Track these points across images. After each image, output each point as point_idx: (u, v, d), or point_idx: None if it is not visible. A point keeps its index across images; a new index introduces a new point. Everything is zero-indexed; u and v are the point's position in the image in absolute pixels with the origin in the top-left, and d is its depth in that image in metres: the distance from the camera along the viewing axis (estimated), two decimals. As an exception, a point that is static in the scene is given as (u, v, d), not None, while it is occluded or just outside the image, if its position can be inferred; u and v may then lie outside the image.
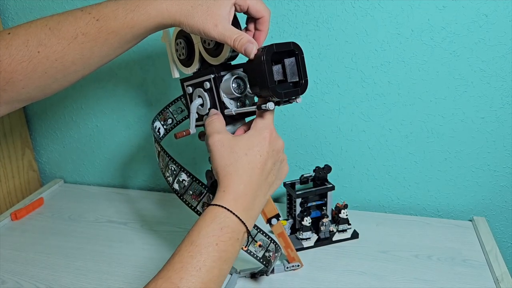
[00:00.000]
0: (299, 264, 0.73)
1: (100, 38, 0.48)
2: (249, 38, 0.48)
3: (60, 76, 0.49)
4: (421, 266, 0.73)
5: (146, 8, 0.48)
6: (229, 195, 0.48)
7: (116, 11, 0.48)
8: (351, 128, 0.89)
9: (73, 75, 0.51)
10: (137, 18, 0.48)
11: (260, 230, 0.63)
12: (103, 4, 0.49)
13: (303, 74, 0.51)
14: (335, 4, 0.80)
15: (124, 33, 0.48)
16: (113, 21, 0.48)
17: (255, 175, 0.50)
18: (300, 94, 0.51)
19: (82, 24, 0.47)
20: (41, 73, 0.48)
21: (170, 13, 0.48)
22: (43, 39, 0.47)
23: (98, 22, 0.47)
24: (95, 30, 0.47)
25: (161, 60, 0.95)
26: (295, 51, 0.50)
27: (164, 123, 0.68)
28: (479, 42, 0.77)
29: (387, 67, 0.82)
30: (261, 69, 0.47)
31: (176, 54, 0.62)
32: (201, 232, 0.45)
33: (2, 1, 0.99)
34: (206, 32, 0.48)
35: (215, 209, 0.47)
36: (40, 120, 1.10)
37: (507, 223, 0.90)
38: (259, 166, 0.50)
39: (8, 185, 1.04)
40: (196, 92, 0.59)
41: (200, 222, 0.47)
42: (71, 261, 0.79)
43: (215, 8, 0.48)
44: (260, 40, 0.54)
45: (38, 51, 0.46)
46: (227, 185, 0.49)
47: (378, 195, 0.94)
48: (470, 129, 0.83)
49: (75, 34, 0.47)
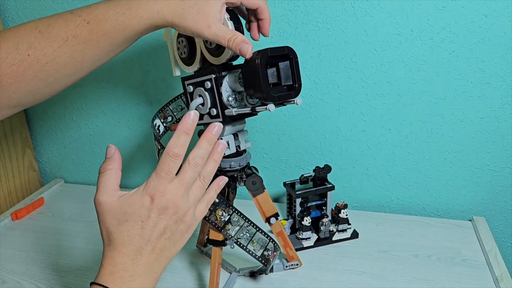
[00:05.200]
0: (298, 263, 0.73)
1: (92, 41, 0.48)
2: (244, 38, 0.48)
3: (52, 80, 0.49)
4: (420, 266, 0.73)
5: (137, 11, 0.47)
6: (106, 269, 0.42)
7: (107, 14, 0.47)
8: (351, 128, 0.89)
9: (64, 79, 0.50)
10: (129, 21, 0.47)
11: (258, 229, 0.63)
12: (93, 6, 0.48)
13: (297, 77, 0.52)
14: (335, 4, 0.80)
15: (116, 35, 0.48)
16: (104, 24, 0.47)
17: (138, 245, 0.42)
18: (293, 98, 0.51)
19: (72, 27, 0.47)
20: (31, 76, 0.47)
21: (161, 15, 0.48)
22: (33, 42, 0.46)
23: (89, 25, 0.47)
24: (86, 32, 0.47)
25: (161, 60, 0.95)
26: (290, 55, 0.51)
27: (164, 121, 0.68)
28: (479, 42, 0.77)
29: (387, 67, 0.82)
30: (256, 72, 0.48)
31: (178, 52, 0.62)
32: None
33: (2, 1, 0.99)
34: (199, 33, 0.48)
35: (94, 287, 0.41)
36: (41, 120, 1.10)
37: (506, 223, 0.90)
38: (144, 235, 0.42)
39: (8, 185, 1.04)
40: (197, 91, 0.59)
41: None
42: (71, 261, 0.79)
43: (207, 9, 0.48)
44: (265, 28, 0.54)
45: (28, 54, 0.46)
46: (105, 257, 0.42)
47: (378, 195, 0.94)
48: (469, 129, 0.84)
49: (65, 37, 0.47)
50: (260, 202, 0.64)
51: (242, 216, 0.61)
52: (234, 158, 0.62)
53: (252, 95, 0.52)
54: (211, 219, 0.60)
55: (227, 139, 0.61)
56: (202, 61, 0.60)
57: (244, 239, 0.62)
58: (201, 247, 0.79)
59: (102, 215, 0.43)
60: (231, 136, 0.61)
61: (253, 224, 0.62)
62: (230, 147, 0.61)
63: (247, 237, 0.62)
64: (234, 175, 0.64)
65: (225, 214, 0.59)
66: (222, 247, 0.64)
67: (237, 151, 0.62)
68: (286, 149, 0.95)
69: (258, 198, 0.64)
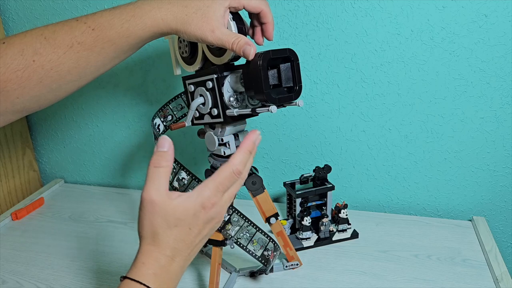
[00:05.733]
0: (298, 263, 0.73)
1: (96, 47, 0.48)
2: (247, 40, 0.49)
3: (56, 86, 0.49)
4: (420, 265, 0.73)
5: (142, 18, 0.48)
6: (149, 269, 0.42)
7: (112, 21, 0.48)
8: (351, 128, 0.89)
9: (68, 85, 0.50)
10: (133, 28, 0.48)
11: (258, 229, 0.63)
12: (98, 13, 0.49)
13: (297, 80, 0.52)
14: (335, 4, 0.80)
15: (120, 42, 0.49)
16: (109, 31, 0.48)
17: (180, 249, 0.43)
18: (293, 100, 0.52)
19: (77, 33, 0.47)
20: (36, 82, 0.47)
21: (166, 22, 0.48)
22: (38, 48, 0.46)
23: (94, 32, 0.47)
24: (91, 39, 0.48)
25: (161, 60, 0.95)
26: (291, 57, 0.51)
27: (164, 120, 0.68)
28: (479, 42, 0.77)
29: (387, 67, 0.82)
30: (257, 74, 0.49)
31: (179, 51, 0.62)
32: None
33: (2, 1, 0.99)
34: (203, 39, 0.49)
35: (131, 284, 0.41)
36: (41, 120, 1.10)
37: (506, 222, 0.90)
38: (187, 240, 0.43)
39: (8, 185, 1.04)
40: (198, 91, 0.59)
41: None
42: (71, 261, 0.79)
43: (210, 14, 0.48)
44: (269, 32, 0.55)
45: (33, 60, 0.46)
46: (147, 255, 0.42)
47: (378, 195, 0.94)
48: (469, 129, 0.84)
49: (70, 43, 0.47)
50: (260, 202, 0.64)
51: (242, 216, 0.61)
52: None
53: (253, 97, 0.52)
54: (211, 219, 0.59)
55: (227, 139, 0.61)
56: (204, 60, 0.60)
57: (244, 239, 0.62)
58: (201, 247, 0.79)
59: (153, 214, 0.42)
60: (232, 136, 0.61)
61: (253, 224, 0.62)
62: (231, 147, 0.61)
63: (247, 237, 0.62)
64: (234, 175, 0.63)
65: (225, 214, 0.59)
66: (222, 247, 0.64)
67: (237, 151, 0.62)
68: (286, 149, 0.95)
69: (258, 198, 0.64)
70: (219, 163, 0.62)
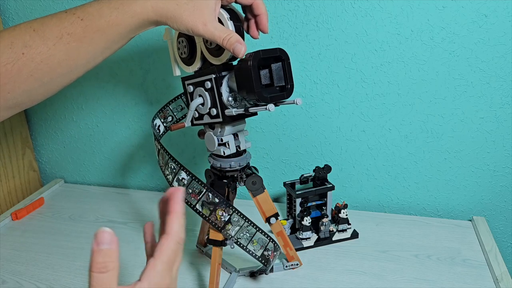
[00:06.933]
0: (298, 263, 0.73)
1: (86, 38, 0.47)
2: (238, 38, 0.48)
3: (47, 79, 0.48)
4: (420, 265, 0.73)
5: (131, 6, 0.48)
6: None
7: (101, 10, 0.47)
8: (351, 128, 0.89)
9: (59, 79, 0.50)
10: (122, 16, 0.47)
11: (258, 229, 0.63)
12: (87, 4, 0.48)
13: (289, 79, 0.53)
14: (335, 4, 0.80)
15: (110, 31, 0.48)
16: (98, 20, 0.47)
17: None
18: (285, 98, 0.52)
19: (67, 24, 0.47)
20: (26, 75, 0.47)
21: (156, 10, 0.48)
22: (27, 40, 0.46)
23: (83, 22, 0.47)
24: (80, 29, 0.47)
25: (161, 60, 0.95)
26: (282, 57, 0.52)
27: (164, 121, 0.68)
28: (479, 42, 0.77)
29: (387, 67, 0.82)
30: (248, 74, 0.49)
31: (178, 52, 0.62)
32: None
33: (2, 1, 0.99)
34: (194, 30, 0.48)
35: None
36: (41, 120, 1.10)
37: (506, 222, 0.90)
38: None
39: (8, 185, 1.04)
40: (197, 91, 0.59)
41: None
42: (71, 261, 0.79)
43: (202, 6, 0.48)
44: (263, 24, 0.54)
45: (22, 53, 0.46)
46: None
47: (378, 195, 0.94)
48: (469, 129, 0.84)
49: (60, 35, 0.46)
50: (260, 202, 0.64)
51: (242, 216, 0.61)
52: (234, 158, 0.62)
53: (245, 96, 0.53)
54: (211, 219, 0.60)
55: (227, 139, 0.61)
56: (202, 61, 0.60)
57: (244, 239, 0.62)
58: (201, 247, 0.79)
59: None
60: (231, 136, 0.61)
61: (253, 224, 0.62)
62: (230, 147, 0.61)
63: (247, 237, 0.62)
64: (234, 175, 0.64)
65: (225, 214, 0.59)
66: (222, 247, 0.64)
67: (237, 151, 0.63)
68: (286, 149, 0.95)
69: (258, 198, 0.64)
70: (219, 163, 0.62)
